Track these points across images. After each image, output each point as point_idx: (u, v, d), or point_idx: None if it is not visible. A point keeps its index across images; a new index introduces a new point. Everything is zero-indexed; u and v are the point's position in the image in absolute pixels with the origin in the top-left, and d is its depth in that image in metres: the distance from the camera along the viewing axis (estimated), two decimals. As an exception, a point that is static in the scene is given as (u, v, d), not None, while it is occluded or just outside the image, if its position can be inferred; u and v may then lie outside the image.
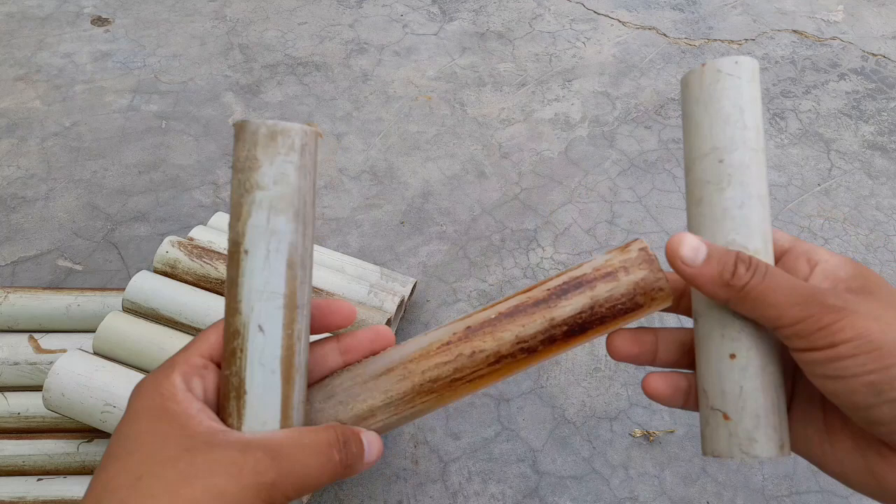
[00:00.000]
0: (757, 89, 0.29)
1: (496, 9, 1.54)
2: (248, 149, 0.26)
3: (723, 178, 0.28)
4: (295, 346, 0.27)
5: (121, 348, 0.66)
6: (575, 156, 1.20)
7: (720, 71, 0.29)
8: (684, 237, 0.27)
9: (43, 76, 1.33)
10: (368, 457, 0.27)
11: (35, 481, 0.65)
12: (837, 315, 0.24)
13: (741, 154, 0.28)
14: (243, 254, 0.26)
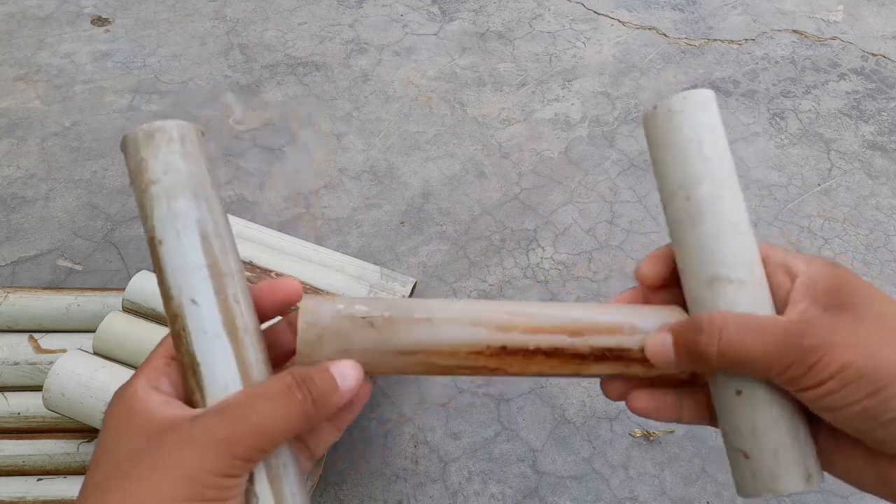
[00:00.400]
0: (714, 117, 0.29)
1: (496, 9, 1.54)
2: (133, 154, 0.27)
3: (693, 214, 0.28)
4: (234, 308, 0.27)
5: (121, 348, 0.66)
6: (575, 156, 1.20)
7: (671, 110, 0.29)
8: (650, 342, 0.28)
9: (43, 76, 1.33)
10: (344, 385, 0.26)
11: (35, 481, 0.65)
12: (817, 354, 0.24)
13: (707, 187, 0.28)
14: (158, 244, 0.27)
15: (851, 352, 0.24)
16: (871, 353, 0.24)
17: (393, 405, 0.86)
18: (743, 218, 0.28)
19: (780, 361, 0.25)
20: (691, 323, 0.27)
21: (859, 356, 0.24)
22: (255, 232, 0.83)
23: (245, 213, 1.09)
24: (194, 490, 0.22)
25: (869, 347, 0.24)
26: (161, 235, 0.27)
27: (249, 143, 1.21)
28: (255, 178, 1.15)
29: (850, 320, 0.25)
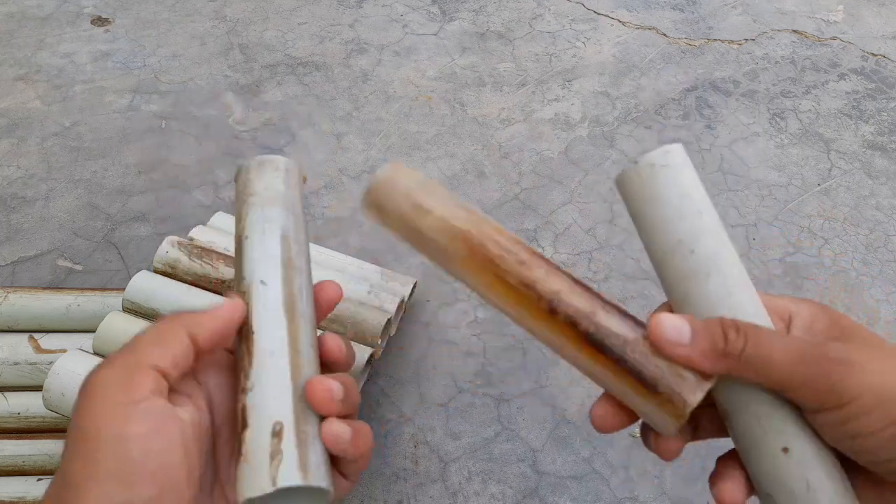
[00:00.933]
0: (693, 172, 0.29)
1: (496, 9, 1.54)
2: (244, 176, 0.33)
3: (700, 268, 0.28)
4: (296, 296, 0.30)
5: (121, 348, 0.66)
6: (575, 156, 1.20)
7: (654, 165, 0.29)
8: (663, 319, 0.26)
9: (43, 76, 1.33)
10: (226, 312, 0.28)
11: (35, 481, 0.65)
12: (844, 369, 0.23)
13: (707, 241, 0.28)
14: (244, 240, 0.31)
15: (874, 375, 0.23)
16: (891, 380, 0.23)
17: (393, 405, 0.86)
18: (744, 272, 0.28)
19: (806, 370, 0.24)
20: (716, 321, 0.26)
21: (882, 381, 0.23)
22: (255, 232, 0.83)
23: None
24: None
25: (890, 374, 0.23)
26: (248, 233, 0.31)
27: (249, 143, 1.21)
28: (255, 178, 1.15)
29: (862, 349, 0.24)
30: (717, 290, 0.27)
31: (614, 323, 0.27)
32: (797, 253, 1.06)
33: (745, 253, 1.06)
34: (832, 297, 1.00)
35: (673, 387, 0.26)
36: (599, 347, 0.27)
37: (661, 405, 0.26)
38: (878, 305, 0.99)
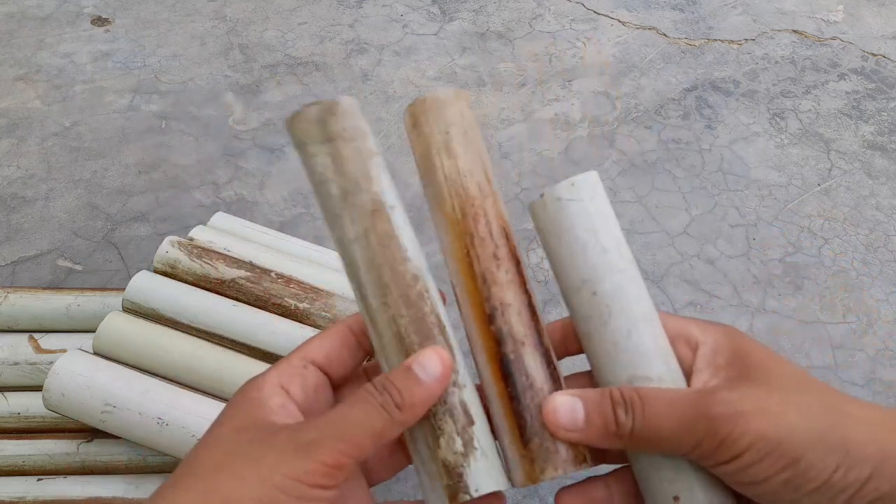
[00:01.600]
0: (604, 203, 0.28)
1: (496, 9, 1.54)
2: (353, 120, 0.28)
3: (602, 310, 0.27)
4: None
5: (121, 348, 0.66)
6: (575, 156, 1.20)
7: (560, 199, 0.28)
8: (557, 403, 0.26)
9: (43, 76, 1.33)
10: (427, 376, 0.25)
11: (35, 481, 0.65)
12: (729, 424, 0.23)
13: (611, 280, 0.27)
14: (391, 210, 0.27)
15: (763, 422, 0.23)
16: (782, 423, 0.23)
17: (393, 405, 0.86)
18: (650, 307, 0.27)
19: (692, 436, 0.24)
20: (606, 396, 0.25)
21: (771, 426, 0.23)
22: (255, 232, 0.83)
23: (245, 213, 1.09)
24: (268, 492, 0.22)
25: (779, 416, 0.23)
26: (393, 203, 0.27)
27: (249, 143, 1.21)
28: (255, 178, 1.15)
29: (755, 389, 0.24)
30: (617, 332, 0.27)
31: (534, 364, 0.27)
32: (797, 253, 1.06)
33: (745, 253, 1.06)
34: (832, 297, 1.00)
35: (541, 452, 0.26)
36: (506, 375, 0.27)
37: (522, 458, 0.26)
38: (878, 305, 0.99)
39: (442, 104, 0.29)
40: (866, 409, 0.24)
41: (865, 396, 0.89)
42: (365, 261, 0.27)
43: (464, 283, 0.28)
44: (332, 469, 0.23)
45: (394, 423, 0.24)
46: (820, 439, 0.23)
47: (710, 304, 0.99)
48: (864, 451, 0.23)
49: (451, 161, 0.28)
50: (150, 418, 0.58)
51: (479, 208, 0.28)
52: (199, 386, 0.62)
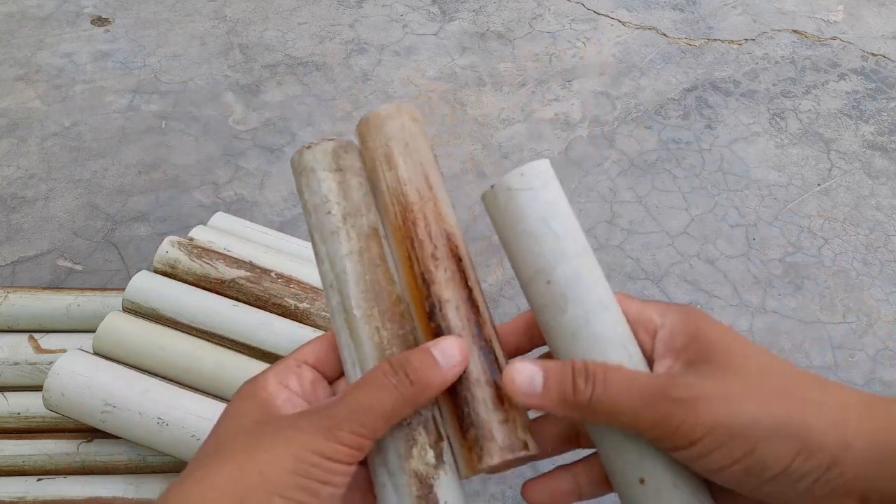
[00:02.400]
0: (556, 191, 0.28)
1: (496, 9, 1.54)
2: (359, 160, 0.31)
3: (557, 299, 0.27)
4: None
5: (121, 348, 0.66)
6: (575, 156, 1.20)
7: (510, 188, 0.28)
8: (517, 368, 0.26)
9: (43, 76, 1.33)
10: (447, 362, 0.26)
11: (35, 481, 0.65)
12: (687, 409, 0.23)
13: (564, 268, 0.27)
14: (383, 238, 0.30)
15: (720, 410, 0.23)
16: (740, 410, 0.23)
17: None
18: (607, 294, 0.27)
19: (650, 414, 0.24)
20: (568, 366, 0.26)
21: (728, 414, 0.23)
22: (255, 232, 0.83)
23: (245, 213, 1.09)
24: (302, 467, 0.24)
25: (737, 404, 0.23)
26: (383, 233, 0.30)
27: (249, 143, 1.21)
28: (255, 178, 1.15)
29: (713, 375, 0.24)
30: (574, 320, 0.27)
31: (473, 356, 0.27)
32: (797, 253, 1.06)
33: (745, 253, 1.06)
34: (832, 297, 1.00)
35: (480, 440, 0.26)
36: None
37: (461, 448, 0.26)
38: (878, 305, 0.99)
39: (382, 120, 0.31)
40: (828, 394, 0.24)
41: (865, 396, 0.89)
42: (355, 275, 0.28)
43: (407, 284, 0.29)
44: (352, 449, 0.25)
45: (405, 402, 0.25)
46: (778, 427, 0.23)
47: (710, 304, 0.99)
48: (825, 439, 0.22)
49: (391, 172, 0.30)
50: (150, 418, 0.58)
51: (417, 213, 0.29)
52: (199, 386, 0.62)
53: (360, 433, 0.25)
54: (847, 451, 0.22)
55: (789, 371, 0.25)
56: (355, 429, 0.24)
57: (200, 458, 0.25)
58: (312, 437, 0.24)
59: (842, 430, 0.23)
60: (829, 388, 0.24)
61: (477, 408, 0.27)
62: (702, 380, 0.24)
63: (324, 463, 0.24)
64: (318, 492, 0.24)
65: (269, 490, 0.23)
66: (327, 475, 0.24)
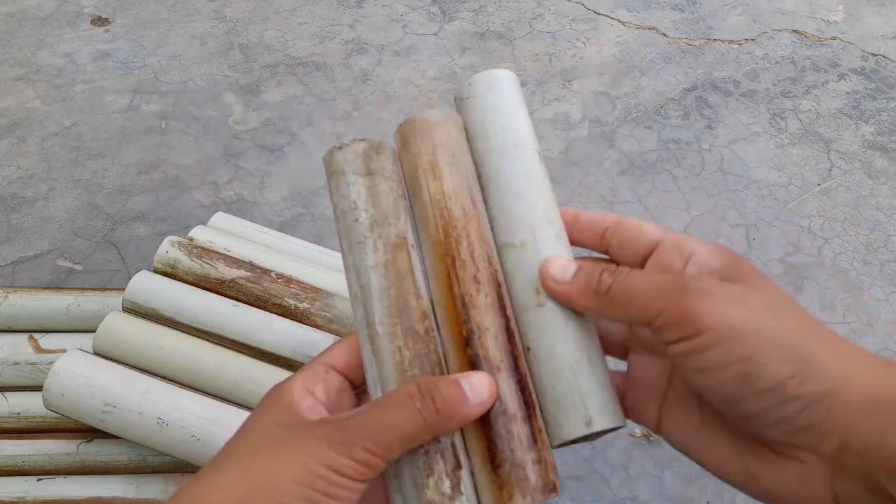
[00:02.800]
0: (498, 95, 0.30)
1: (496, 9, 1.54)
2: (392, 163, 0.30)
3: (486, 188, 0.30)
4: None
5: (121, 348, 0.66)
6: (575, 156, 1.20)
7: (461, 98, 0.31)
8: (556, 259, 0.28)
9: (43, 76, 1.33)
10: (475, 398, 0.26)
11: (35, 481, 0.65)
12: (700, 299, 0.23)
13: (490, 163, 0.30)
14: (411, 248, 0.29)
15: (730, 309, 0.23)
16: (750, 318, 0.23)
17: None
18: (528, 183, 0.29)
19: (662, 301, 0.24)
20: (600, 263, 0.28)
21: (738, 316, 0.23)
22: (255, 232, 0.83)
23: (245, 213, 1.09)
24: (308, 477, 0.23)
25: (750, 312, 0.23)
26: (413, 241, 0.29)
27: (249, 143, 1.21)
28: (255, 178, 1.15)
29: (738, 286, 0.25)
30: (494, 207, 0.30)
31: (508, 390, 0.27)
32: (797, 253, 1.06)
33: (745, 253, 1.06)
34: (832, 297, 1.00)
35: (510, 478, 0.26)
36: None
37: (492, 484, 0.26)
38: (879, 305, 0.99)
39: (431, 126, 0.30)
40: (840, 341, 0.24)
41: (865, 396, 0.89)
42: (380, 289, 0.27)
43: (443, 304, 0.28)
44: (363, 466, 0.24)
45: (426, 428, 0.25)
46: (783, 343, 0.23)
47: (710, 304, 0.99)
48: (826, 369, 0.22)
49: (436, 182, 0.29)
50: (150, 418, 0.58)
51: (461, 230, 0.29)
52: (199, 386, 0.62)
53: (373, 451, 0.24)
54: (843, 388, 0.22)
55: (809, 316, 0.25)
56: (369, 447, 0.24)
57: (215, 459, 0.25)
58: (323, 448, 0.24)
59: (845, 368, 0.23)
60: (844, 340, 0.24)
61: (512, 445, 0.26)
62: (722, 286, 0.24)
63: (331, 476, 0.23)
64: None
65: (271, 496, 0.23)
66: (333, 489, 0.23)
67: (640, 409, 0.29)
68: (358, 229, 0.28)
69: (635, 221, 0.29)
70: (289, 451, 0.24)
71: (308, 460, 0.23)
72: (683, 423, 0.27)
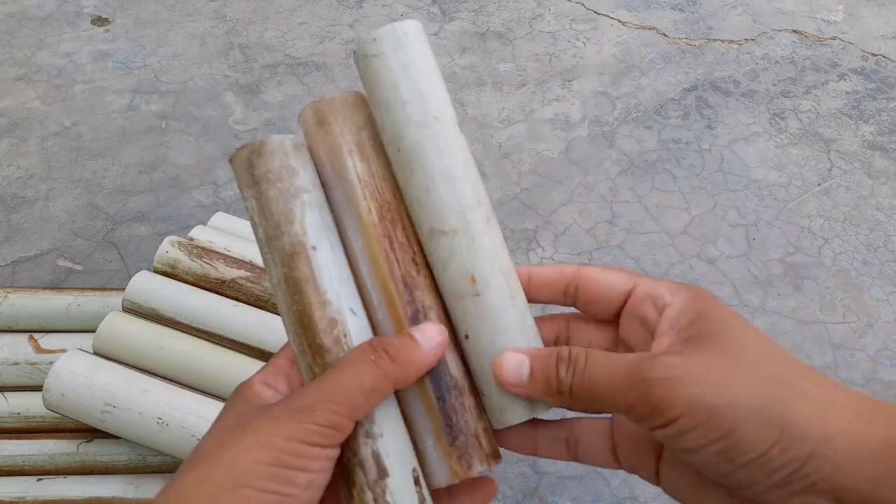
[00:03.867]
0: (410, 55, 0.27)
1: (496, 9, 1.54)
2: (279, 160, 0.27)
3: (405, 167, 0.27)
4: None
5: (121, 348, 0.66)
6: (575, 156, 1.20)
7: (366, 55, 0.27)
8: (505, 358, 0.26)
9: (43, 76, 1.33)
10: (428, 344, 0.26)
11: (35, 481, 0.65)
12: (667, 387, 0.23)
13: (410, 135, 0.26)
14: (311, 250, 0.26)
15: (699, 389, 0.22)
16: (723, 391, 0.22)
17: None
18: (454, 163, 0.27)
19: (626, 397, 0.23)
20: (553, 353, 0.26)
21: (709, 394, 0.22)
22: (255, 232, 0.83)
23: (245, 213, 1.09)
24: (272, 454, 0.23)
25: (722, 384, 0.22)
26: (315, 243, 0.26)
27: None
28: (255, 178, 1.15)
29: (705, 354, 0.24)
30: (418, 189, 0.27)
31: (454, 364, 0.27)
32: (797, 253, 1.06)
33: (745, 253, 1.06)
34: (832, 297, 1.00)
35: (469, 448, 0.26)
36: (432, 376, 0.27)
37: (448, 456, 0.26)
38: (878, 305, 0.99)
39: (352, 105, 0.28)
40: (819, 388, 0.23)
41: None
42: (284, 307, 0.27)
43: (381, 286, 0.27)
44: (328, 429, 0.23)
45: (385, 378, 0.25)
46: (758, 411, 0.22)
47: (710, 304, 0.99)
48: (807, 429, 0.22)
49: (364, 164, 0.28)
50: (150, 418, 0.58)
51: (395, 213, 0.28)
52: (199, 386, 0.62)
53: (336, 411, 0.24)
54: (828, 445, 0.22)
55: (784, 359, 0.24)
56: (331, 407, 0.24)
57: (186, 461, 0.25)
58: (283, 423, 0.23)
59: (826, 424, 0.22)
60: (822, 383, 0.23)
61: (465, 416, 0.27)
62: (687, 359, 0.23)
63: (297, 448, 0.23)
64: (294, 479, 0.23)
65: (239, 483, 0.22)
66: (302, 461, 0.23)
67: (636, 464, 0.28)
68: (261, 246, 0.27)
69: (597, 272, 0.28)
70: (249, 435, 0.23)
71: (269, 438, 0.23)
72: (681, 480, 0.27)
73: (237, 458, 0.23)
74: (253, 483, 0.22)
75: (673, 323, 0.25)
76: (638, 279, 0.28)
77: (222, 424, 0.25)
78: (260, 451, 0.23)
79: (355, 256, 0.28)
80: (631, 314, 0.27)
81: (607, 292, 0.28)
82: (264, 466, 0.23)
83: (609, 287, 0.28)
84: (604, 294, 0.28)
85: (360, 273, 0.28)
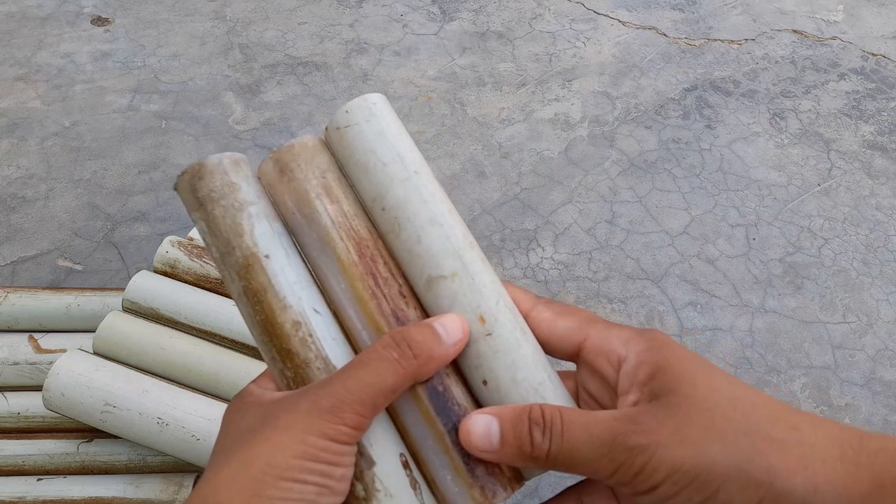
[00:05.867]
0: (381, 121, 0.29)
1: (496, 9, 1.54)
2: (220, 178, 0.27)
3: (392, 223, 0.28)
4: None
5: (121, 348, 0.66)
6: (575, 156, 1.20)
7: (339, 127, 0.29)
8: (472, 423, 0.25)
9: (43, 76, 1.33)
10: (449, 337, 0.26)
11: (35, 481, 0.65)
12: (645, 455, 0.22)
13: (394, 192, 0.28)
14: (265, 259, 0.27)
15: (679, 453, 0.22)
16: (701, 452, 0.22)
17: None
18: (440, 209, 0.28)
19: (609, 464, 0.23)
20: (525, 413, 0.25)
21: (689, 456, 0.22)
22: (255, 232, 0.83)
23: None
24: (307, 451, 0.23)
25: (699, 445, 0.22)
26: (268, 251, 0.27)
27: (249, 143, 1.21)
28: (255, 178, 1.15)
29: (675, 413, 0.23)
30: (409, 240, 0.27)
31: (459, 392, 0.27)
32: (797, 253, 1.06)
33: (745, 253, 1.06)
34: (832, 297, 1.00)
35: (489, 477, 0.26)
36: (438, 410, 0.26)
37: (471, 488, 0.26)
38: (878, 305, 0.99)
39: (312, 150, 0.29)
40: (796, 431, 0.23)
41: (865, 396, 0.89)
42: (248, 319, 0.27)
43: (371, 326, 0.27)
44: (354, 430, 0.24)
45: (406, 377, 0.25)
46: (741, 471, 0.22)
47: (710, 304, 0.99)
48: (792, 483, 0.22)
49: (335, 205, 0.28)
50: (150, 418, 0.58)
51: (374, 249, 0.28)
52: (199, 386, 0.62)
53: (361, 412, 0.24)
54: (815, 496, 0.22)
55: (755, 404, 0.23)
56: (357, 409, 0.24)
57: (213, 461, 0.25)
58: (315, 420, 0.23)
59: (810, 473, 0.22)
60: (800, 426, 0.23)
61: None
62: (660, 422, 0.23)
63: (330, 445, 0.23)
64: (332, 473, 0.23)
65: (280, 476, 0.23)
66: (336, 457, 0.23)
67: None
68: (217, 265, 0.27)
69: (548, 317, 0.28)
70: (281, 431, 0.23)
71: (304, 435, 0.23)
72: None
73: (274, 455, 0.23)
74: (296, 476, 0.23)
75: (632, 379, 0.25)
76: (589, 329, 0.27)
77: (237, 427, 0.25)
78: (297, 446, 0.23)
79: (338, 298, 0.28)
80: (587, 366, 0.27)
81: (559, 342, 0.27)
82: (303, 461, 0.23)
83: (560, 337, 0.27)
84: (554, 342, 0.27)
85: (345, 315, 0.28)
